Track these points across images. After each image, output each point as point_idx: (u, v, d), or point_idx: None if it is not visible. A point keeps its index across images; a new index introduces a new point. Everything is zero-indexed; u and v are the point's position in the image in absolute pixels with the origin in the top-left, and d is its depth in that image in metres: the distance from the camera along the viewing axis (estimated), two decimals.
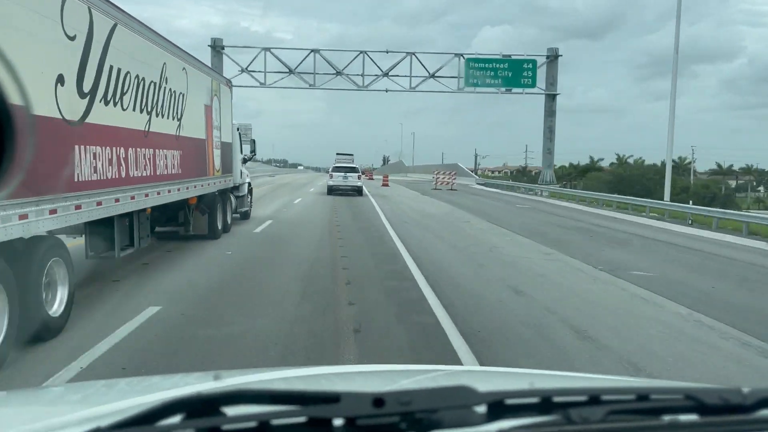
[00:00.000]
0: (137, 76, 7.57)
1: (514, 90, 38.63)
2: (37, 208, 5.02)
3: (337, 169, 30.86)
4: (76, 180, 5.77)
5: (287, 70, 38.33)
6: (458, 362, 4.94)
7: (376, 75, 38.26)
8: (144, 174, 7.85)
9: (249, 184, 16.66)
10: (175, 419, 0.91)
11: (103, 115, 6.46)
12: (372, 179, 52.76)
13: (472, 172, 64.12)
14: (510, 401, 1.01)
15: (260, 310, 6.56)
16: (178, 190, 9.63)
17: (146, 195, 7.95)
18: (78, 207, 5.80)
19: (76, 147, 5.79)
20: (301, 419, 0.91)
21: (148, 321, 5.87)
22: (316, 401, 0.96)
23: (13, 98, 1.17)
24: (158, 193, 8.52)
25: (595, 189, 38.42)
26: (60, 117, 5.45)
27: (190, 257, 9.94)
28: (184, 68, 10.11)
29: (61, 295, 5.51)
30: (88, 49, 6.06)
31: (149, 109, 8.17)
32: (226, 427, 0.90)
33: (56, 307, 5.41)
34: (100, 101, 6.39)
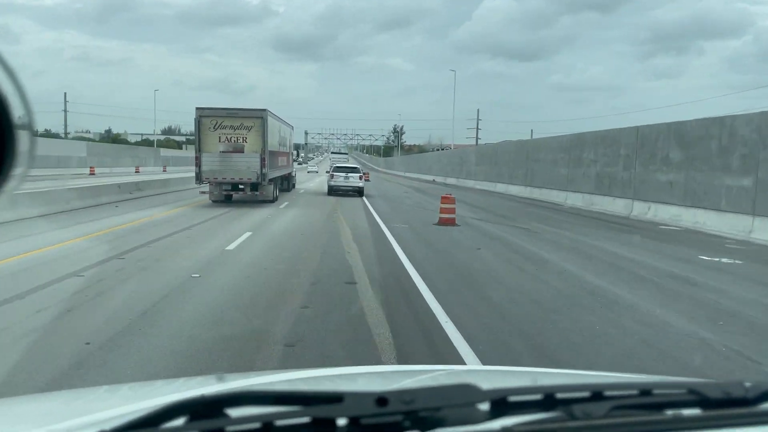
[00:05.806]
0: (283, 137, 26.60)
1: None
2: (280, 171, 23.82)
3: (338, 169, 29.74)
4: (278, 165, 24.74)
5: None
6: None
7: None
8: (281, 164, 26.75)
9: (294, 171, 35.80)
10: (180, 421, 0.93)
11: (277, 148, 25.38)
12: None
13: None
14: (513, 398, 1.01)
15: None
16: (286, 169, 28.67)
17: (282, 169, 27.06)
18: (280, 170, 24.88)
19: (279, 157, 24.82)
20: (305, 419, 0.92)
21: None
22: (320, 401, 0.97)
23: (271, 147, 18.77)
24: (282, 170, 27.58)
25: None
26: (277, 149, 24.44)
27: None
28: (286, 128, 29.08)
29: (276, 190, 24.36)
30: (278, 134, 24.99)
31: (281, 144, 27.08)
32: (230, 428, 0.90)
33: (276, 192, 24.36)
34: (277, 144, 25.37)
